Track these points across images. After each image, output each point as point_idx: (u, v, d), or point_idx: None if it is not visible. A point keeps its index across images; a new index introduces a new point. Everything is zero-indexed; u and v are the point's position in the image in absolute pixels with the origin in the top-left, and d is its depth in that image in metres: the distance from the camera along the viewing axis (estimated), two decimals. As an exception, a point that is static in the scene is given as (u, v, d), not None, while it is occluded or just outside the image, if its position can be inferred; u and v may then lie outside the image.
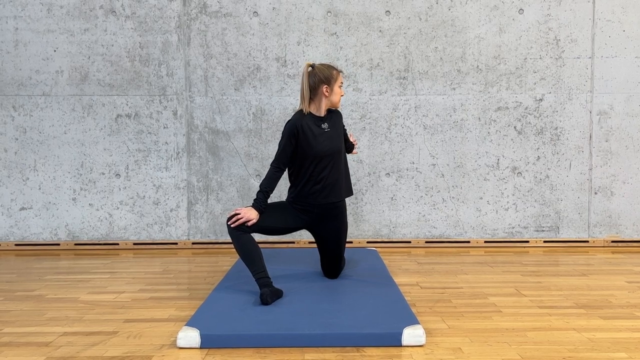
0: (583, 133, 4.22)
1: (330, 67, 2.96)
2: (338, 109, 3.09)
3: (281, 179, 2.95)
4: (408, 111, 4.21)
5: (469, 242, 4.27)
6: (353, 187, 3.88)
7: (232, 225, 2.77)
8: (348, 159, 4.26)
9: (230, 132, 4.22)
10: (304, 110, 2.94)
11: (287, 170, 3.00)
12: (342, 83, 2.99)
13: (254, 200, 2.85)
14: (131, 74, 4.20)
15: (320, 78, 2.91)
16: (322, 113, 2.97)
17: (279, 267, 3.33)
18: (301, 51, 4.18)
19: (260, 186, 2.88)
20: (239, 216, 2.78)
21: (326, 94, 2.93)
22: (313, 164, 2.91)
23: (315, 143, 2.89)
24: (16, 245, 4.28)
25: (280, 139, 2.95)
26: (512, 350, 2.14)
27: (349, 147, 3.26)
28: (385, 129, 4.22)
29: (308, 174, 2.93)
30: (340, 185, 3.00)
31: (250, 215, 2.79)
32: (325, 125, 2.95)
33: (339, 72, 2.98)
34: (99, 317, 2.60)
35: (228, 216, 2.80)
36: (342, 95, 3.01)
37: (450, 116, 4.21)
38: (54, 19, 4.17)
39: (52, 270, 3.59)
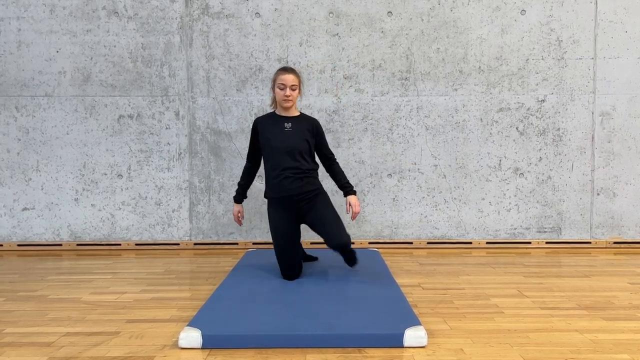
0: (585, 134, 4.21)
1: (279, 69, 3.18)
2: (294, 109, 3.22)
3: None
4: (410, 112, 4.21)
5: (470, 243, 4.26)
6: (355, 188, 4.00)
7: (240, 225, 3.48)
8: (351, 159, 4.27)
9: (232, 133, 4.23)
10: (274, 108, 3.28)
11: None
12: (282, 84, 3.10)
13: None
14: (133, 75, 4.21)
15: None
16: (283, 112, 3.21)
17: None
18: (303, 52, 4.18)
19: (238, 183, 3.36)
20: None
21: (273, 94, 3.20)
22: (272, 157, 3.14)
23: (271, 138, 3.14)
24: (18, 245, 4.29)
25: None
26: (514, 351, 2.14)
27: (338, 184, 3.29)
28: (387, 129, 4.22)
29: (269, 166, 3.17)
30: (296, 180, 3.11)
31: (234, 211, 3.37)
32: (288, 125, 3.16)
33: (283, 72, 3.12)
34: (101, 317, 2.60)
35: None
36: (286, 96, 3.10)
37: (452, 117, 4.21)
38: (57, 20, 4.18)
39: (55, 271, 3.60)
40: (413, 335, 2.19)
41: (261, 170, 3.32)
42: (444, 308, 2.70)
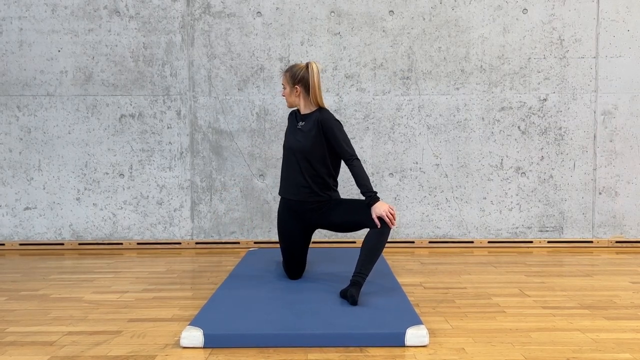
0: (587, 133, 4.20)
1: None
2: (293, 108, 3.11)
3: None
4: (411, 111, 4.21)
5: (472, 242, 4.26)
6: (354, 188, 3.89)
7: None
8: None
9: (234, 132, 4.23)
10: None
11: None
12: (283, 84, 3.04)
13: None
14: (135, 74, 4.21)
15: None
16: (299, 110, 3.08)
17: (281, 267, 3.32)
18: (305, 51, 4.18)
19: None
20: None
21: None
22: (285, 155, 3.05)
23: (286, 135, 3.08)
24: (20, 245, 4.30)
25: None
26: (516, 350, 2.14)
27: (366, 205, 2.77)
28: (388, 129, 4.21)
29: (284, 164, 3.06)
30: (302, 186, 2.91)
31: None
32: (301, 124, 2.99)
33: (284, 73, 3.04)
34: (103, 316, 2.61)
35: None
36: (283, 95, 3.07)
37: (454, 116, 4.21)
38: (58, 20, 4.19)
39: (56, 270, 3.60)
40: (415, 335, 2.19)
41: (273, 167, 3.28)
42: (445, 307, 2.70)
